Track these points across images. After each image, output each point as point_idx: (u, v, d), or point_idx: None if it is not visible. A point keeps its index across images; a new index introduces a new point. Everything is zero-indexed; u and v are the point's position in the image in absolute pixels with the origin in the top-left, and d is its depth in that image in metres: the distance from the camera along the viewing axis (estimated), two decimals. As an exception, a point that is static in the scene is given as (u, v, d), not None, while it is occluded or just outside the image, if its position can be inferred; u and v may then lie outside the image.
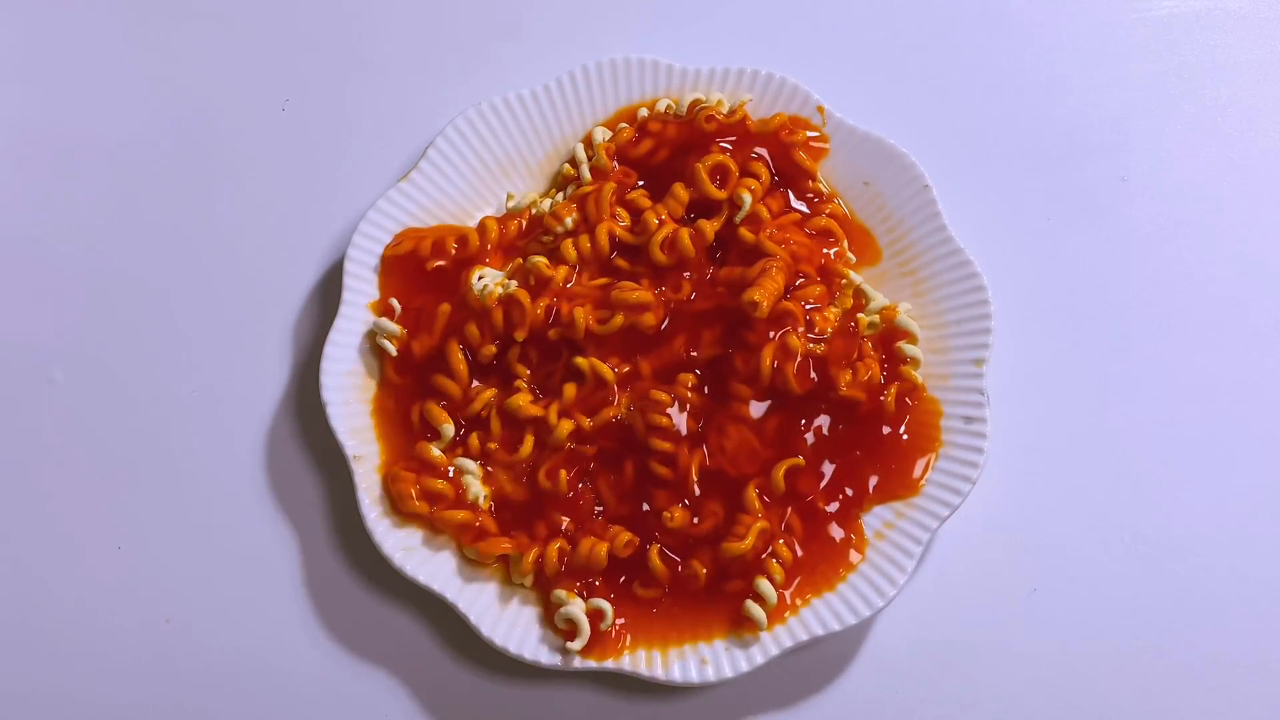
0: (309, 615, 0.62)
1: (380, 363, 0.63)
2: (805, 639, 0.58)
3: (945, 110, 0.70)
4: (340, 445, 0.61)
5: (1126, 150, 0.69)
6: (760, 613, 0.58)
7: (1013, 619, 0.62)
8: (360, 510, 0.60)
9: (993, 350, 0.61)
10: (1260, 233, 0.68)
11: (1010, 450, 0.63)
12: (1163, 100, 0.70)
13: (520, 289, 0.61)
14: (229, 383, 0.66)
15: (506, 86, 0.66)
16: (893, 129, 0.65)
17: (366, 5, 0.72)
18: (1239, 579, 0.63)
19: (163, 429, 0.65)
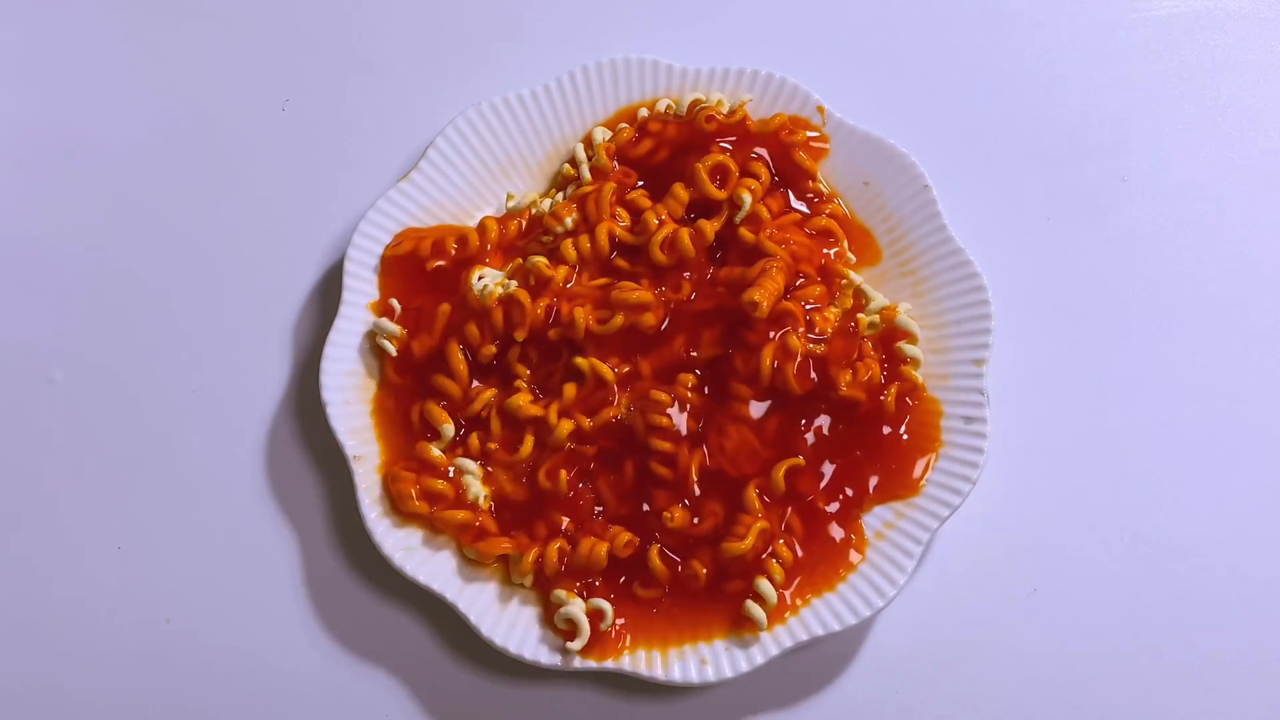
0: (309, 615, 0.62)
1: (380, 363, 0.63)
2: (805, 639, 0.58)
3: (945, 110, 0.70)
4: (340, 445, 0.61)
5: (1126, 150, 0.69)
6: (760, 613, 0.58)
7: (1013, 619, 0.62)
8: (360, 510, 0.60)
9: (993, 350, 0.61)
10: (1260, 233, 0.68)
11: (1010, 450, 0.63)
12: (1163, 100, 0.70)
13: (520, 289, 0.61)
14: (229, 383, 0.66)
15: (506, 86, 0.66)
16: (893, 129, 0.65)
17: (366, 5, 0.72)
18: (1239, 579, 0.63)
19: (163, 429, 0.65)
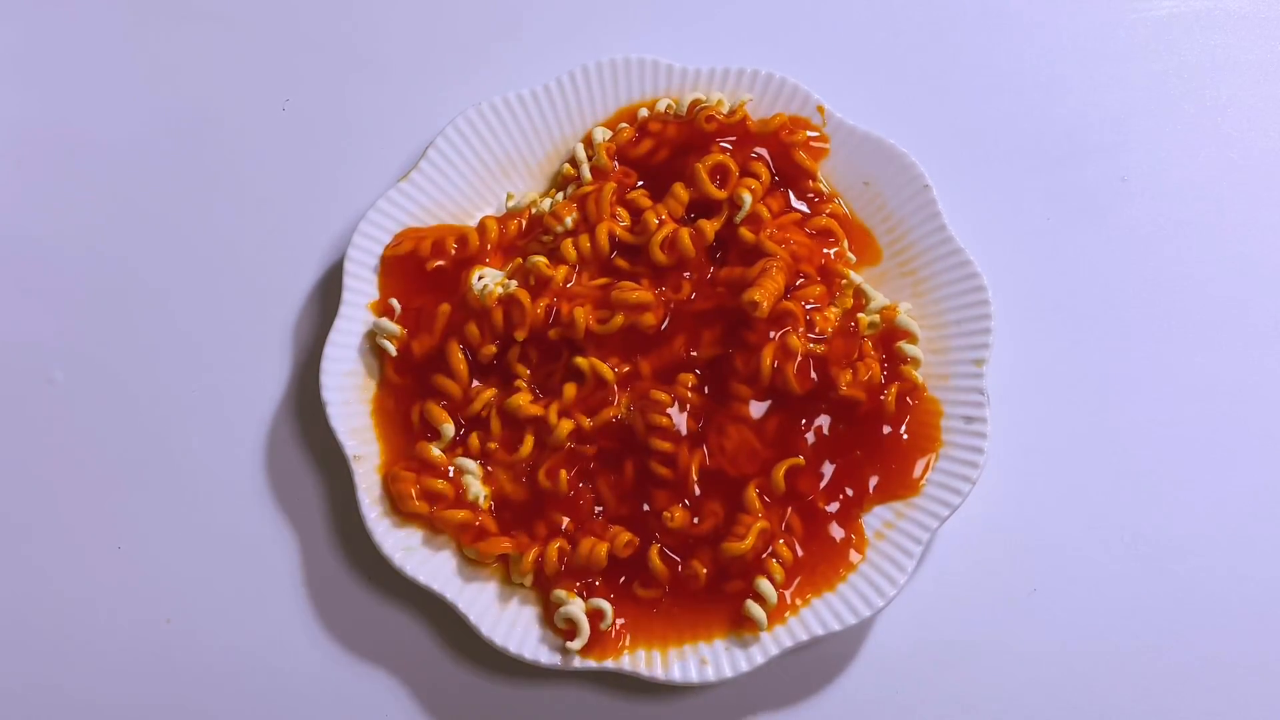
0: (309, 615, 0.62)
1: (380, 363, 0.63)
2: (805, 639, 0.58)
3: (945, 110, 0.70)
4: (340, 445, 0.61)
5: (1126, 150, 0.69)
6: (760, 613, 0.58)
7: (1013, 619, 0.62)
8: (360, 510, 0.60)
9: (993, 350, 0.61)
10: (1260, 233, 0.68)
11: (1010, 450, 0.63)
12: (1163, 100, 0.70)
13: (520, 289, 0.61)
14: (229, 383, 0.66)
15: (506, 86, 0.66)
16: (893, 129, 0.65)
17: (366, 5, 0.72)
18: (1239, 579, 0.63)
19: (163, 429, 0.65)
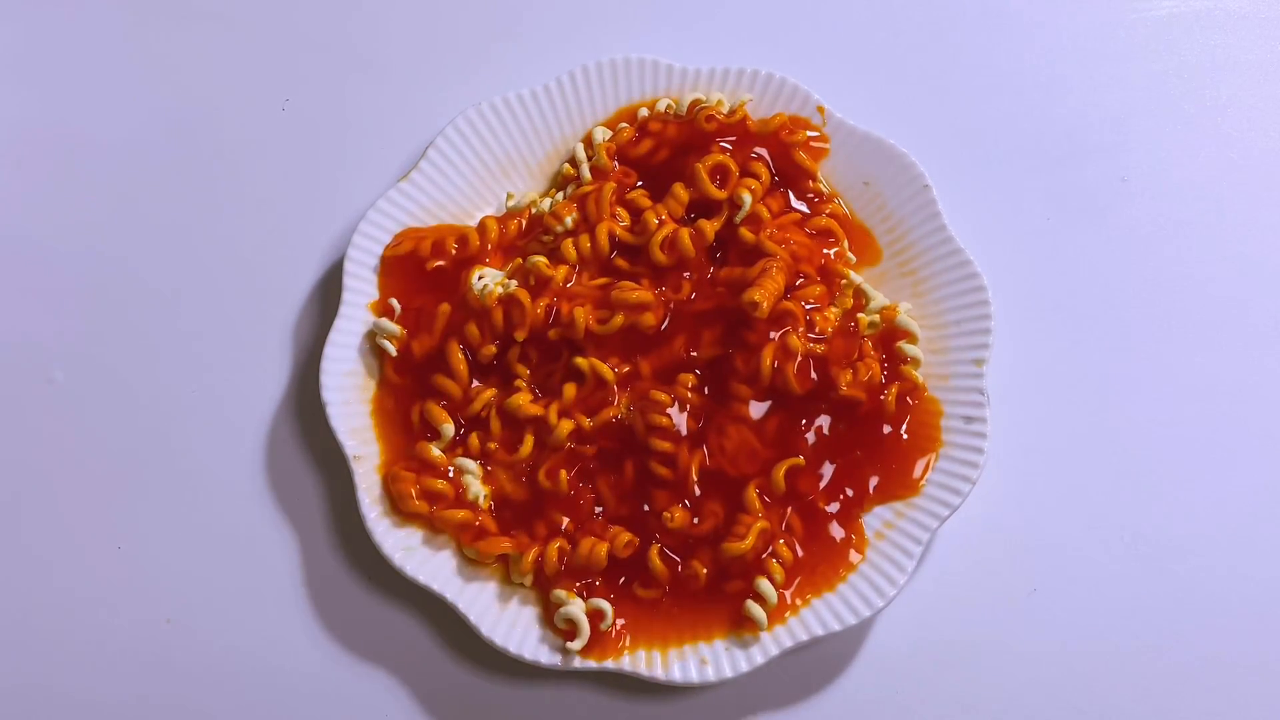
0: (309, 615, 0.62)
1: (380, 363, 0.63)
2: (805, 639, 0.58)
3: (945, 110, 0.70)
4: (340, 445, 0.61)
5: (1126, 150, 0.69)
6: (760, 613, 0.58)
7: (1013, 619, 0.62)
8: (360, 510, 0.60)
9: (993, 350, 0.61)
10: (1260, 233, 0.68)
11: (1010, 450, 0.63)
12: (1163, 100, 0.70)
13: (520, 289, 0.61)
14: (229, 383, 0.66)
15: (506, 86, 0.66)
16: (893, 129, 0.65)
17: (366, 5, 0.72)
18: (1239, 579, 0.63)
19: (163, 429, 0.65)
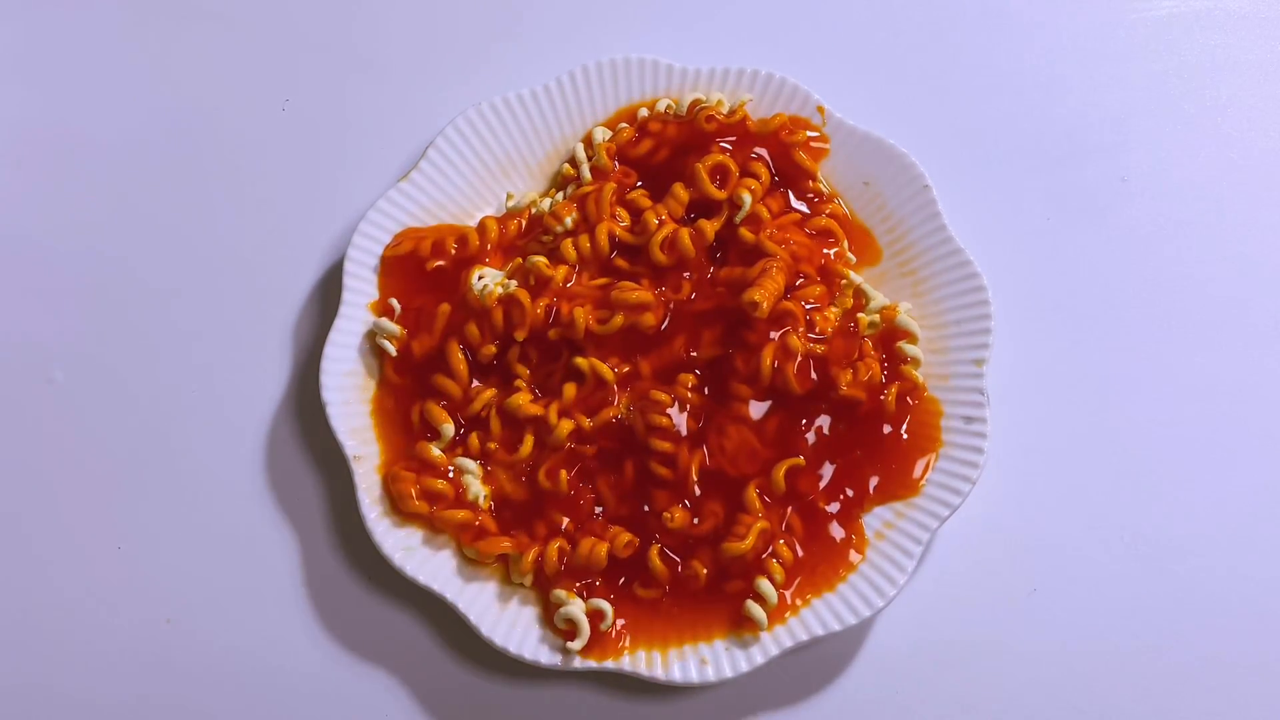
0: (309, 615, 0.62)
1: (380, 363, 0.63)
2: (805, 639, 0.58)
3: (945, 110, 0.70)
4: (340, 445, 0.61)
5: (1126, 150, 0.69)
6: (760, 613, 0.58)
7: (1013, 619, 0.62)
8: (360, 510, 0.60)
9: (993, 350, 0.61)
10: (1260, 233, 0.68)
11: (1010, 450, 0.63)
12: (1163, 100, 0.70)
13: (520, 289, 0.61)
14: (229, 383, 0.66)
15: (506, 86, 0.66)
16: (893, 129, 0.65)
17: (366, 5, 0.72)
18: (1239, 579, 0.63)
19: (163, 429, 0.65)
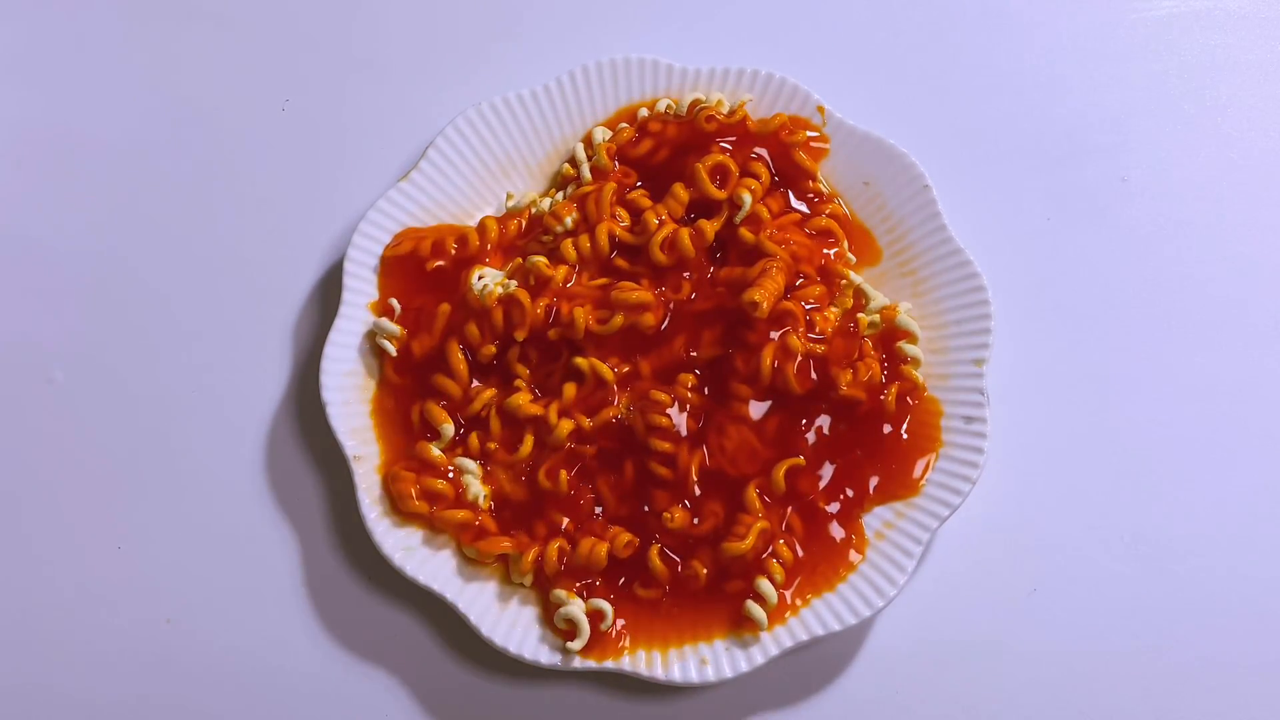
0: (309, 615, 0.62)
1: (380, 363, 0.63)
2: (805, 639, 0.58)
3: (945, 110, 0.70)
4: (340, 445, 0.61)
5: (1126, 150, 0.69)
6: (760, 613, 0.58)
7: (1013, 619, 0.62)
8: (360, 510, 0.60)
9: (993, 350, 0.61)
10: (1260, 233, 0.68)
11: (1010, 450, 0.63)
12: (1163, 100, 0.70)
13: (520, 289, 0.61)
14: (229, 383, 0.66)
15: (506, 86, 0.66)
16: (893, 129, 0.65)
17: (366, 5, 0.72)
18: (1239, 579, 0.63)
19: (163, 429, 0.65)
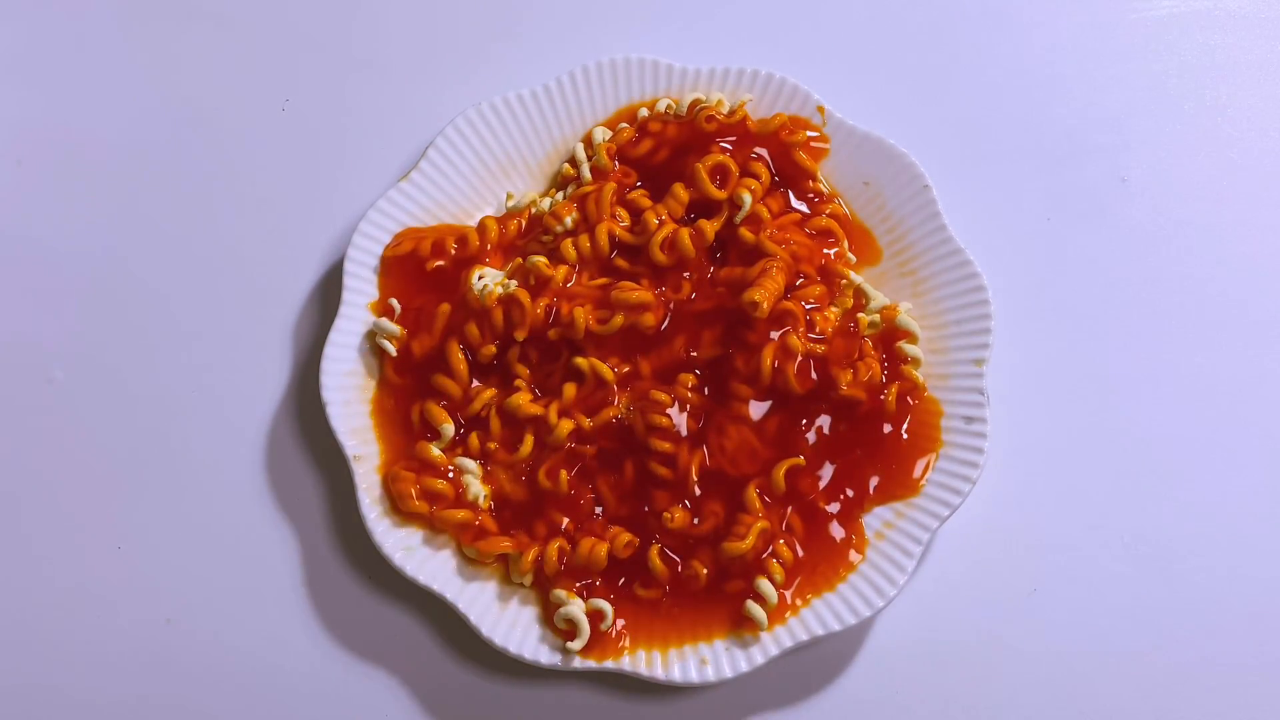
0: (309, 615, 0.62)
1: (380, 363, 0.63)
2: (805, 639, 0.58)
3: (945, 110, 0.70)
4: (340, 445, 0.61)
5: (1126, 150, 0.69)
6: (760, 613, 0.58)
7: (1013, 619, 0.62)
8: (360, 510, 0.60)
9: (993, 350, 0.61)
10: (1260, 233, 0.68)
11: (1010, 450, 0.63)
12: (1163, 100, 0.70)
13: (520, 289, 0.61)
14: (229, 383, 0.66)
15: (506, 86, 0.66)
16: (893, 129, 0.65)
17: (366, 5, 0.72)
18: (1239, 579, 0.63)
19: (163, 429, 0.65)
